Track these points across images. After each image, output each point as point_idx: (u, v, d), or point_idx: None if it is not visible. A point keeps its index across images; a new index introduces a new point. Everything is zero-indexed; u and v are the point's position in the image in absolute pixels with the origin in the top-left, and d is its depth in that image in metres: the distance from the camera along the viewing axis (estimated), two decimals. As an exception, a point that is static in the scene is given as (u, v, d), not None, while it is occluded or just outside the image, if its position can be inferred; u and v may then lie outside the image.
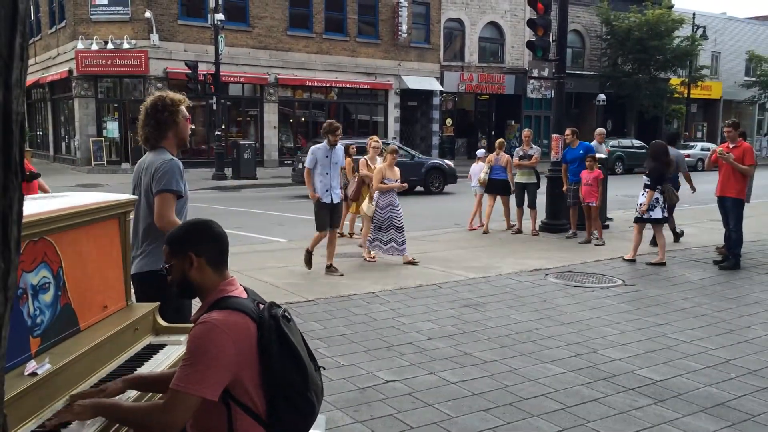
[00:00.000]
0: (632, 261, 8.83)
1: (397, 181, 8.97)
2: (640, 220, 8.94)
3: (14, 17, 0.80)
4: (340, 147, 8.05)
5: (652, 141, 9.88)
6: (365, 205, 9.17)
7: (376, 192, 8.87)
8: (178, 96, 3.73)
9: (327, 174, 7.87)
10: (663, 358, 5.16)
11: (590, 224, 10.43)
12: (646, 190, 8.79)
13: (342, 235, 10.95)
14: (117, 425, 2.30)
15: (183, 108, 3.72)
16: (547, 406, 4.23)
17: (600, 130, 12.45)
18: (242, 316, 2.21)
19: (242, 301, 2.27)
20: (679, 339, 5.64)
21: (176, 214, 3.58)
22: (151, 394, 2.57)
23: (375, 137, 10.59)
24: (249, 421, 2.21)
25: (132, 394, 2.50)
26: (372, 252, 8.90)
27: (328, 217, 7.93)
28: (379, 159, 9.77)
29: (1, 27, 0.78)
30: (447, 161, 20.26)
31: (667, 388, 4.57)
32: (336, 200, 7.95)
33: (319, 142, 12.05)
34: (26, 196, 2.80)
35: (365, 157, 10.04)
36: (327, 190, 7.85)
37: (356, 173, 10.04)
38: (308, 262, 8.03)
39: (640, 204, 8.84)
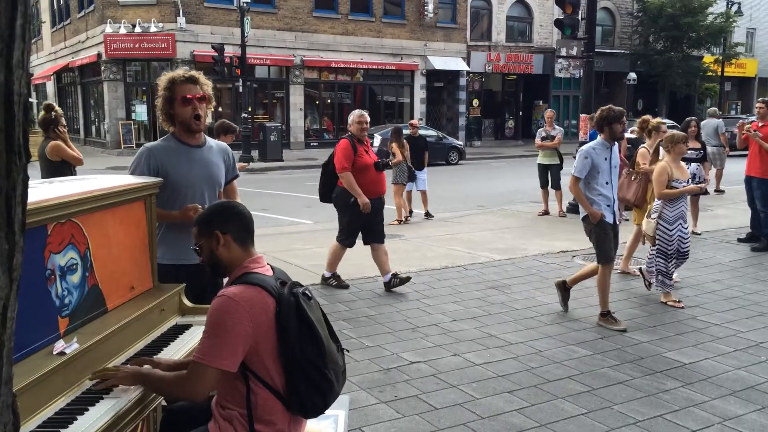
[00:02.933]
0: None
1: (688, 182, 6.27)
2: None
3: None
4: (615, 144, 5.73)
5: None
6: (645, 221, 6.42)
7: (657, 201, 6.26)
8: (173, 74, 3.39)
9: (607, 183, 5.54)
10: (692, 341, 5.09)
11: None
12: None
13: (400, 221, 10.63)
14: (153, 394, 2.42)
15: (180, 87, 3.34)
16: (572, 389, 4.21)
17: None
18: (259, 290, 2.25)
19: (262, 277, 2.31)
20: (709, 321, 5.55)
21: (162, 205, 3.29)
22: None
23: (649, 117, 7.86)
24: (267, 395, 2.25)
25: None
26: (669, 291, 6.19)
27: (613, 242, 5.65)
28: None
29: (2, 8, 0.78)
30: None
31: (695, 371, 4.51)
32: (617, 219, 5.73)
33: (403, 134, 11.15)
34: (54, 179, 2.84)
35: (645, 145, 7.24)
36: (608, 206, 5.56)
37: (631, 169, 7.15)
38: (565, 300, 5.96)
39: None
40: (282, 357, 2.24)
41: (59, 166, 6.19)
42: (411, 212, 11.15)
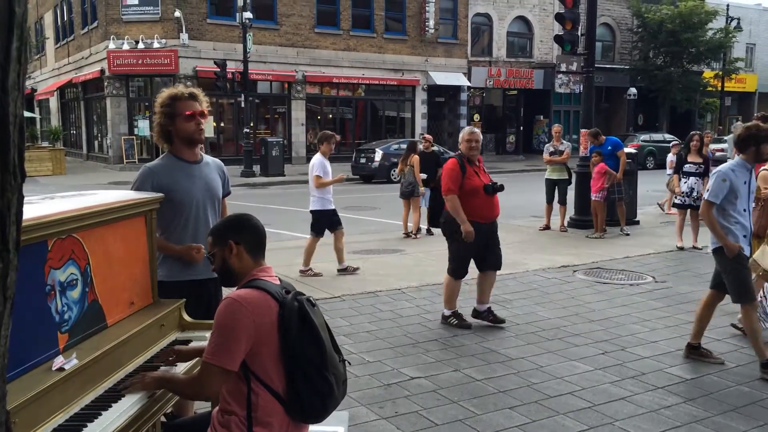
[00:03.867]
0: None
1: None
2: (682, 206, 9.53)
3: (10, 21, 0.82)
4: None
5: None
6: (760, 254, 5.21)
7: None
8: (175, 91, 3.42)
9: (744, 210, 4.83)
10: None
11: (596, 219, 10.47)
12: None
13: (408, 235, 10.59)
14: (156, 406, 2.53)
15: (182, 103, 3.37)
16: (573, 404, 4.19)
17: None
18: (263, 293, 2.32)
19: (267, 283, 2.39)
20: (711, 336, 5.52)
21: (167, 224, 3.35)
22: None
23: None
24: (268, 397, 2.29)
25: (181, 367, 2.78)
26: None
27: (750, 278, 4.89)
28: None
29: None
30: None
31: (697, 386, 4.49)
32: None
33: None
34: (54, 195, 2.85)
35: None
36: (745, 236, 4.83)
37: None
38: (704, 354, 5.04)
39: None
40: (283, 358, 2.30)
41: None
42: (420, 229, 11.00)
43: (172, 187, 3.37)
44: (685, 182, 9.36)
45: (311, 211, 7.98)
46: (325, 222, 7.95)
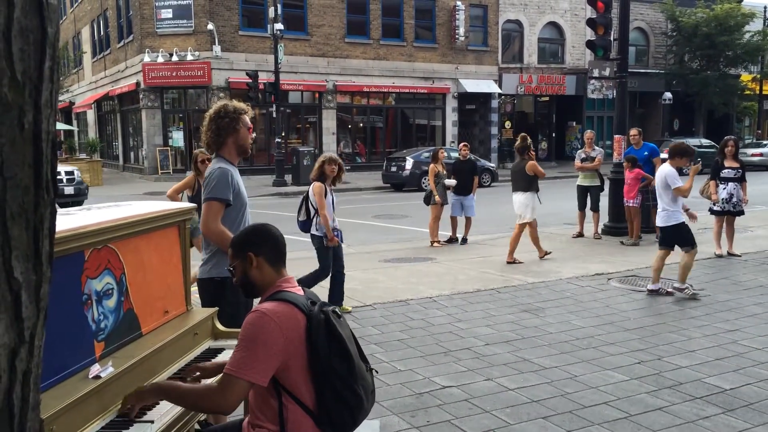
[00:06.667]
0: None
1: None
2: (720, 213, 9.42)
3: (43, 41, 0.85)
4: None
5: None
6: None
7: None
8: (241, 105, 3.75)
9: None
10: (733, 366, 4.95)
11: (632, 225, 10.27)
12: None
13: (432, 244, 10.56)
14: (192, 412, 2.47)
15: (245, 117, 3.72)
16: (608, 415, 4.12)
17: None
18: (291, 307, 2.31)
19: (294, 295, 2.38)
20: (751, 346, 5.39)
21: (232, 222, 3.58)
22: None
23: None
24: (298, 410, 2.28)
25: None
26: None
27: None
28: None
29: (31, 51, 0.83)
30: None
31: (737, 397, 4.38)
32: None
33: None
34: (91, 206, 2.92)
35: None
36: None
37: None
38: None
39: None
40: (312, 372, 2.29)
41: (533, 179, 9.06)
42: (457, 239, 10.93)
43: (240, 188, 3.69)
44: (724, 188, 9.18)
45: (661, 228, 7.19)
46: (688, 231, 7.15)
